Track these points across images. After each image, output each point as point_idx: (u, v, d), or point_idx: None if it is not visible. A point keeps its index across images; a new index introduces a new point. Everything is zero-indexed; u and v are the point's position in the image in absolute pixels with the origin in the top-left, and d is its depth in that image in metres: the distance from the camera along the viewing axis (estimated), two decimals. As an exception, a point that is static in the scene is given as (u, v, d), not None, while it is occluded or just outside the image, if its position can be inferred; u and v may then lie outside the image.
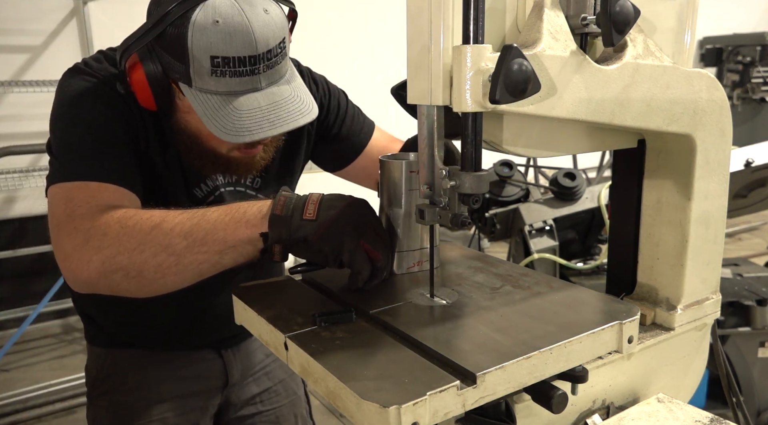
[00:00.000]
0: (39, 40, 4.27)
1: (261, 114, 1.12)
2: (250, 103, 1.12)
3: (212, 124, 1.11)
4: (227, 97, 1.11)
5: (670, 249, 1.03)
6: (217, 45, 1.06)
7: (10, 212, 4.33)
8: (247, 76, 1.10)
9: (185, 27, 1.07)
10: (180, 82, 1.13)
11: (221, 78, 1.09)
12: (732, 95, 7.34)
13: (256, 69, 1.10)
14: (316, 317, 0.93)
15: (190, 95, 1.12)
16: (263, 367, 1.60)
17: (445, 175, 0.86)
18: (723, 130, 1.01)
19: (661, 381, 1.03)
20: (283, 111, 1.14)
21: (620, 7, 0.80)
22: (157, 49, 1.12)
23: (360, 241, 0.98)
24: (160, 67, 1.12)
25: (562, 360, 0.84)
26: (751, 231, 6.37)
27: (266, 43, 1.10)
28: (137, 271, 1.03)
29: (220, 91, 1.11)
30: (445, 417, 0.75)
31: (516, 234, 2.50)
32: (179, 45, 1.08)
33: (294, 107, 1.16)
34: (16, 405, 3.43)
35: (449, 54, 0.78)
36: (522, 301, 0.99)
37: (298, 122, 1.15)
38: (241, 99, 1.12)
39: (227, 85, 1.10)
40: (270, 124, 1.12)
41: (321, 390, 0.81)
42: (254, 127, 1.11)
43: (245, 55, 1.08)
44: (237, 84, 1.11)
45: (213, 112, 1.11)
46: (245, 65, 1.09)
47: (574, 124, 0.91)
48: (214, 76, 1.09)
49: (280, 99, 1.15)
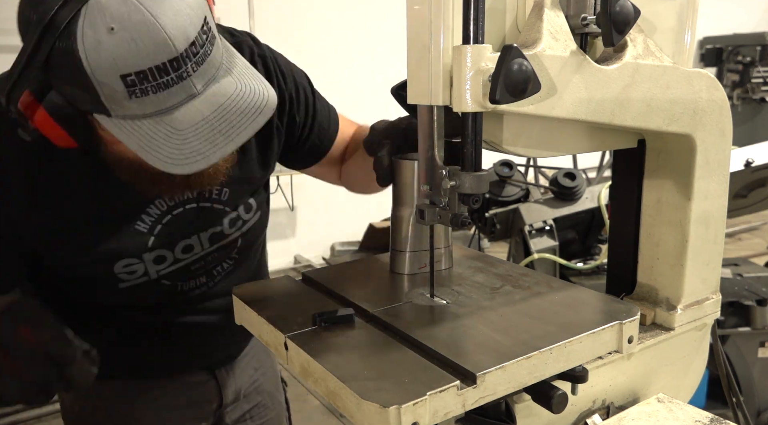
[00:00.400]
0: (39, 40, 4.25)
1: (209, 126, 0.90)
2: (190, 116, 0.89)
3: (151, 156, 0.89)
4: (160, 118, 0.88)
5: (670, 249, 1.03)
6: (124, 59, 0.82)
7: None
8: (176, 85, 0.86)
9: (74, 48, 0.82)
10: (95, 114, 0.89)
11: (144, 97, 0.85)
12: (732, 95, 7.34)
13: (184, 72, 0.86)
14: (316, 317, 0.93)
15: (112, 126, 0.89)
16: (253, 382, 1.52)
17: (445, 175, 0.86)
18: (723, 130, 1.01)
19: (661, 381, 1.03)
20: (234, 114, 0.91)
21: (620, 7, 0.80)
22: (52, 80, 0.88)
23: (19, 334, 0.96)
24: (64, 99, 0.89)
25: (562, 360, 0.84)
26: (751, 231, 6.37)
27: (185, 35, 0.85)
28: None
29: (148, 113, 0.87)
30: (445, 417, 0.75)
31: (516, 234, 2.50)
32: (75, 71, 0.83)
33: (245, 104, 0.92)
34: (16, 405, 3.43)
35: (449, 54, 0.78)
36: (522, 301, 0.99)
37: (257, 122, 0.93)
38: (177, 114, 0.88)
39: (154, 103, 0.86)
40: (224, 137, 0.90)
41: (321, 390, 0.81)
42: (205, 147, 0.89)
43: (164, 60, 0.84)
44: (166, 98, 0.87)
45: (149, 142, 0.89)
46: (168, 73, 0.85)
47: (574, 124, 0.91)
48: (134, 98, 0.85)
49: (224, 99, 0.91)
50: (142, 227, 1.14)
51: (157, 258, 1.17)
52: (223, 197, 1.21)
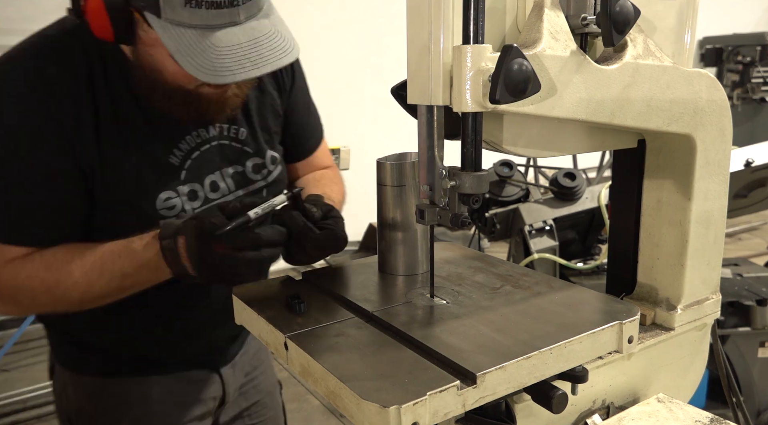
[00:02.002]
0: (39, 40, 4.26)
1: (242, 52, 1.01)
2: (229, 38, 1.01)
3: (188, 62, 0.99)
4: (203, 32, 1.00)
5: (670, 249, 1.03)
6: None
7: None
8: (226, 8, 0.99)
9: None
10: (146, 12, 1.00)
11: (197, 9, 0.98)
12: (732, 95, 7.33)
13: (235, 0, 1.00)
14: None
15: (159, 27, 1.00)
16: (251, 380, 1.54)
17: (445, 175, 0.86)
18: (723, 130, 1.01)
19: (661, 381, 1.03)
20: (265, 49, 1.03)
21: (620, 7, 0.80)
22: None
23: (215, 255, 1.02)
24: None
25: (562, 360, 0.84)
26: (751, 231, 6.37)
27: None
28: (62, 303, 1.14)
29: (194, 24, 0.99)
30: (445, 417, 0.75)
31: (516, 234, 2.50)
32: None
33: (276, 44, 1.05)
34: (16, 405, 3.43)
35: (449, 54, 0.78)
36: (522, 301, 0.99)
37: (281, 61, 1.05)
38: (219, 34, 1.00)
39: (203, 17, 0.99)
40: (252, 63, 1.02)
41: (321, 390, 0.81)
42: (235, 67, 1.00)
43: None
44: (214, 16, 0.99)
45: (188, 49, 0.99)
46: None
47: (574, 124, 0.91)
48: (188, 7, 0.97)
49: (260, 35, 1.04)
50: (174, 160, 1.22)
51: (190, 192, 1.24)
52: (241, 136, 1.32)
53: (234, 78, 1.01)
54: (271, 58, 1.04)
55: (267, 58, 1.03)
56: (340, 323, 0.94)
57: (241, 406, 1.52)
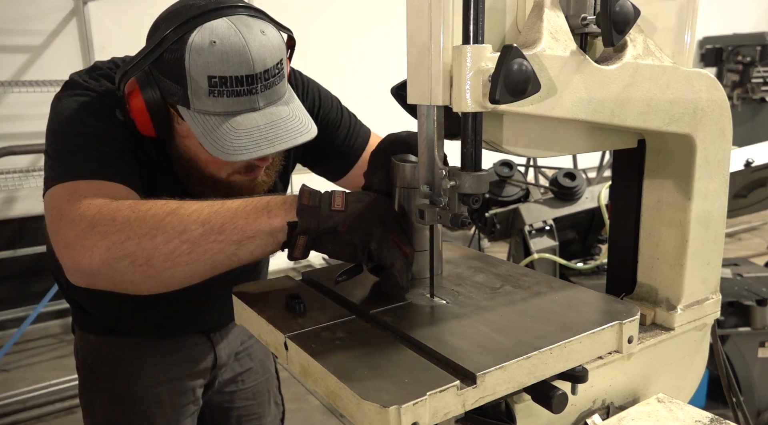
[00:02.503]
0: (39, 40, 4.27)
1: (259, 133, 1.12)
2: (248, 122, 1.12)
3: (209, 143, 1.11)
4: (225, 117, 1.12)
5: (670, 249, 1.03)
6: (214, 65, 1.08)
7: (10, 212, 4.33)
8: (245, 96, 1.11)
9: (182, 49, 1.08)
10: (178, 106, 1.13)
11: (219, 98, 1.10)
12: (732, 95, 7.34)
13: (253, 88, 1.11)
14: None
15: (188, 117, 1.13)
16: (246, 348, 1.68)
17: (445, 175, 0.86)
18: (723, 130, 1.01)
19: (661, 381, 1.03)
20: (282, 130, 1.14)
21: (620, 7, 0.80)
22: (155, 74, 1.13)
23: (389, 234, 0.97)
24: (158, 91, 1.13)
25: (562, 360, 0.84)
26: (751, 231, 6.37)
27: (263, 62, 1.11)
28: (145, 259, 0.97)
29: (218, 112, 1.11)
30: (445, 417, 0.75)
31: (516, 234, 2.50)
32: (177, 67, 1.09)
33: (292, 126, 1.16)
34: (16, 405, 3.43)
35: (449, 54, 0.78)
36: (522, 301, 0.99)
37: (296, 140, 1.15)
38: (239, 118, 1.12)
39: (225, 105, 1.11)
40: (268, 142, 1.12)
41: (321, 390, 0.81)
42: (251, 146, 1.11)
43: (242, 74, 1.09)
44: (234, 103, 1.11)
45: (210, 132, 1.11)
46: (242, 85, 1.10)
47: (574, 124, 0.91)
48: (211, 97, 1.10)
49: (277, 118, 1.15)
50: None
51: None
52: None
53: (250, 155, 1.11)
54: (287, 138, 1.14)
55: (282, 138, 1.14)
56: (340, 323, 0.94)
57: (236, 371, 1.67)
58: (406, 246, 0.98)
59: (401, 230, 0.99)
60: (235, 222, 0.98)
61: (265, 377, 1.73)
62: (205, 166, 1.22)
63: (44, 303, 3.72)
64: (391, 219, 0.99)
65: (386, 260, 0.96)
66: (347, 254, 0.99)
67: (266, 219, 0.97)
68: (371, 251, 0.96)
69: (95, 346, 1.52)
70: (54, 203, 1.08)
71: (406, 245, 0.98)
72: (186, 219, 0.98)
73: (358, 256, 0.98)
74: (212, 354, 1.58)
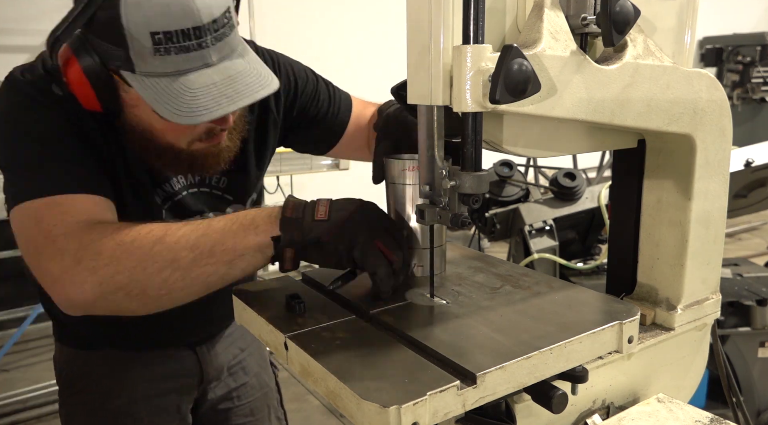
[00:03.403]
0: (39, 40, 4.23)
1: (217, 90, 1.02)
2: (202, 79, 1.02)
3: (163, 107, 1.01)
4: (175, 77, 1.01)
5: (670, 249, 1.03)
6: (156, 19, 0.96)
7: (10, 212, 4.32)
8: (195, 51, 1.00)
9: (116, 5, 0.96)
10: (122, 70, 1.02)
11: (166, 56, 0.99)
12: (732, 95, 7.34)
13: (203, 42, 1.00)
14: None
15: (134, 81, 1.01)
16: (239, 362, 1.58)
17: (445, 175, 0.86)
18: (723, 130, 1.01)
19: (661, 381, 1.03)
20: (241, 84, 1.05)
21: (620, 7, 0.80)
22: (89, 38, 1.01)
23: (374, 241, 0.95)
24: (97, 57, 1.01)
25: (562, 360, 0.84)
26: (751, 231, 6.37)
27: (210, 12, 1.00)
28: (140, 289, 0.97)
29: (167, 72, 1.00)
30: (445, 417, 0.75)
31: (516, 234, 2.50)
32: (113, 26, 0.97)
33: (252, 80, 1.06)
34: (16, 405, 3.43)
35: (449, 54, 0.78)
36: (522, 301, 0.99)
37: (258, 94, 1.06)
38: (191, 76, 1.01)
39: (174, 63, 1.00)
40: (228, 99, 1.03)
41: (321, 390, 0.81)
42: (211, 105, 1.01)
43: (189, 26, 0.98)
44: (185, 61, 1.00)
45: (162, 95, 1.01)
46: (190, 38, 0.99)
47: (574, 124, 0.91)
48: (158, 55, 0.99)
49: (234, 73, 1.05)
50: (157, 199, 1.25)
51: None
52: (222, 184, 1.34)
53: (211, 115, 1.02)
54: (247, 92, 1.05)
55: (243, 93, 1.05)
56: (340, 323, 0.94)
57: (230, 386, 1.57)
58: (394, 251, 0.96)
59: (389, 235, 0.97)
60: (224, 243, 0.98)
61: (263, 392, 1.64)
62: (161, 136, 1.12)
63: (44, 303, 3.71)
64: (378, 224, 0.98)
65: (369, 268, 0.96)
66: (334, 263, 1.00)
67: (253, 236, 0.98)
68: (355, 259, 0.96)
69: (70, 359, 1.44)
70: (22, 234, 1.04)
71: (394, 250, 0.96)
72: (174, 246, 0.97)
73: (344, 264, 0.98)
74: (198, 369, 1.48)
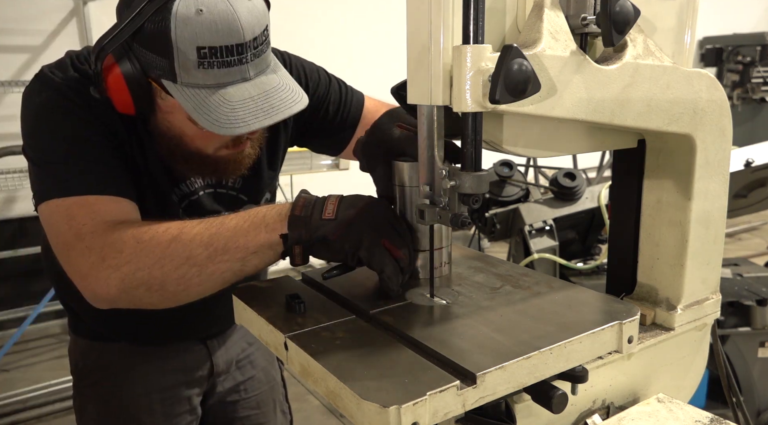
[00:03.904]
0: (39, 40, 4.27)
1: (254, 104, 1.08)
2: (240, 93, 1.08)
3: (204, 118, 1.06)
4: (215, 89, 1.07)
5: (670, 249, 1.03)
6: (203, 35, 1.02)
7: (10, 212, 4.33)
8: (236, 66, 1.06)
9: (167, 19, 1.02)
10: (163, 79, 1.08)
11: (209, 70, 1.05)
12: (732, 95, 7.34)
13: (244, 58, 1.06)
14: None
15: (175, 91, 1.07)
16: (247, 356, 1.63)
17: (445, 175, 0.86)
18: (723, 130, 1.01)
19: (661, 381, 1.03)
20: (275, 99, 1.11)
21: (620, 7, 0.80)
22: (134, 47, 1.07)
23: (380, 239, 0.97)
24: (139, 65, 1.07)
25: (562, 360, 0.84)
26: (751, 231, 6.37)
27: (252, 30, 1.06)
28: (159, 285, 1.03)
29: (208, 84, 1.06)
30: (445, 417, 0.75)
31: (516, 234, 2.50)
32: (161, 38, 1.03)
33: (285, 96, 1.12)
34: (16, 405, 3.43)
35: (449, 54, 0.78)
36: (522, 301, 0.99)
37: (291, 110, 1.12)
38: (231, 89, 1.07)
39: (215, 76, 1.06)
40: (264, 113, 1.08)
41: (321, 390, 0.81)
42: (249, 118, 1.07)
43: (232, 43, 1.04)
44: (225, 75, 1.06)
45: (203, 106, 1.06)
46: (233, 54, 1.05)
47: (574, 124, 0.91)
48: (201, 68, 1.04)
49: (270, 88, 1.11)
50: (174, 198, 1.30)
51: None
52: (237, 185, 1.39)
53: (249, 128, 1.07)
54: (282, 108, 1.11)
55: (278, 108, 1.10)
56: (340, 323, 0.94)
57: (237, 379, 1.61)
58: (401, 248, 0.98)
59: (396, 233, 0.99)
60: (237, 240, 1.02)
61: (270, 385, 1.68)
62: (191, 142, 1.19)
63: (44, 303, 3.72)
64: (384, 222, 0.99)
65: (375, 267, 0.98)
66: (340, 260, 1.02)
67: (264, 234, 1.02)
68: (361, 258, 0.98)
69: (85, 351, 1.49)
70: (54, 228, 1.10)
71: (401, 248, 0.98)
72: (189, 244, 1.03)
73: (350, 262, 1.01)
74: (209, 362, 1.53)
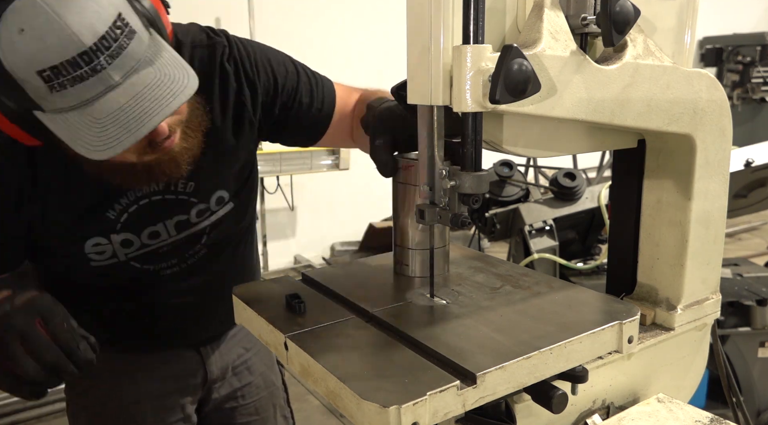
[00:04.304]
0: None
1: (124, 115, 0.94)
2: (108, 106, 0.94)
3: (78, 144, 0.95)
4: (83, 109, 0.94)
5: (670, 249, 1.03)
6: (36, 56, 0.89)
7: None
8: (91, 77, 0.91)
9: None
10: (34, 112, 0.96)
11: (63, 91, 0.91)
12: (732, 95, 7.34)
13: (97, 65, 0.91)
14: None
15: (47, 121, 0.96)
16: (244, 361, 1.58)
17: (445, 175, 0.86)
18: (723, 130, 1.01)
19: (661, 381, 1.03)
20: (148, 100, 0.96)
21: (620, 7, 0.80)
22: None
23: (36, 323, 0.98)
24: (11, 101, 0.95)
25: (562, 360, 0.84)
26: (751, 231, 6.37)
27: (93, 30, 0.90)
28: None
29: (73, 106, 0.93)
30: (445, 417, 0.75)
31: (516, 234, 2.50)
32: (2, 74, 0.91)
33: (162, 91, 0.97)
34: (16, 405, 3.43)
35: (449, 54, 0.78)
36: (522, 301, 0.99)
37: (171, 106, 0.97)
38: (97, 104, 0.94)
39: (74, 95, 0.92)
40: (137, 121, 0.95)
41: (321, 390, 0.81)
42: (121, 133, 0.94)
43: (72, 54, 0.89)
44: (84, 90, 0.92)
45: (75, 131, 0.95)
46: (80, 66, 0.90)
47: (574, 124, 0.91)
48: (54, 92, 0.91)
49: (141, 88, 0.96)
50: (111, 214, 1.22)
51: (124, 241, 1.25)
52: (189, 189, 1.28)
53: (123, 145, 0.95)
54: (157, 108, 0.96)
55: (152, 110, 0.96)
56: (340, 323, 0.94)
57: (234, 386, 1.57)
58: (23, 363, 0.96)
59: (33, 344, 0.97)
60: None
61: (269, 391, 1.64)
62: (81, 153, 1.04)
63: (44, 303, 3.71)
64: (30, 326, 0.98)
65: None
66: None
67: None
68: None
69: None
70: None
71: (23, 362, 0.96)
72: None
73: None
74: (202, 369, 1.49)
